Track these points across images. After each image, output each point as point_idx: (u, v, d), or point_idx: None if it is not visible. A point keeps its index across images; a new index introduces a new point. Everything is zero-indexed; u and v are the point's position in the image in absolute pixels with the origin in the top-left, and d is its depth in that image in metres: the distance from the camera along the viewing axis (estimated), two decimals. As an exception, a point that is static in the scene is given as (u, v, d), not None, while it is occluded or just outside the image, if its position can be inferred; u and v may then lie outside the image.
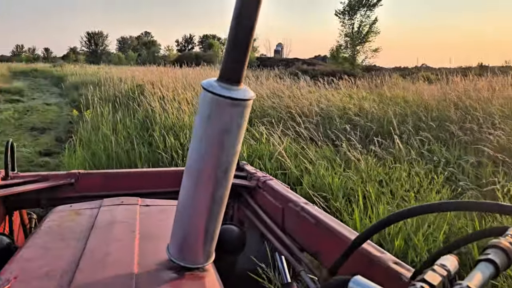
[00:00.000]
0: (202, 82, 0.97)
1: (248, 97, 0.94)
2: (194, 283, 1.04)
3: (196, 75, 14.15)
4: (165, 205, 1.61)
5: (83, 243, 1.21)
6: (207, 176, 0.99)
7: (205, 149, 0.97)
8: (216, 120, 0.94)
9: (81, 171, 2.11)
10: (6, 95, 19.55)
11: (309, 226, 1.38)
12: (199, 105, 0.98)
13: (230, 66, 0.93)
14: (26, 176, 2.05)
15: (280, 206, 1.62)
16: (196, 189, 1.01)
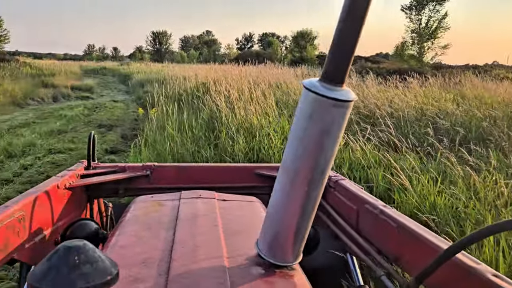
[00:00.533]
0: (304, 81, 0.97)
1: (351, 98, 0.93)
2: (285, 281, 1.04)
3: (259, 72, 13.79)
4: (240, 200, 1.66)
5: (171, 234, 1.25)
6: (304, 176, 0.99)
7: (303, 149, 0.97)
8: (317, 120, 0.94)
9: (155, 164, 2.17)
10: (78, 92, 20.51)
11: (389, 230, 1.33)
12: (299, 104, 0.98)
13: (334, 66, 0.92)
14: (105, 166, 2.13)
15: (355, 207, 1.57)
16: (291, 188, 1.01)
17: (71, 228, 1.65)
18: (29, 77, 21.28)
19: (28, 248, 1.43)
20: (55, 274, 0.52)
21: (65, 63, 49.38)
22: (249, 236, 1.23)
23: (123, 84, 27.71)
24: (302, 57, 48.06)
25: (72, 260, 0.54)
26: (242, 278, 1.01)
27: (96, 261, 0.55)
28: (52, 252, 0.56)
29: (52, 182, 1.71)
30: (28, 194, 1.53)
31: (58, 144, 7.67)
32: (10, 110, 13.76)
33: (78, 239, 0.58)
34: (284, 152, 1.04)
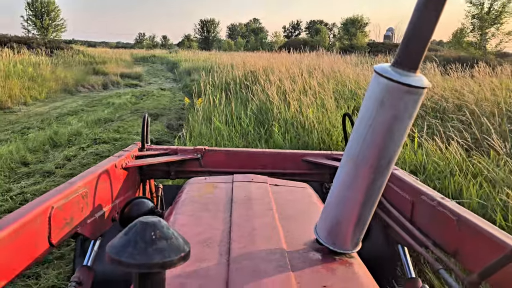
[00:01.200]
0: (376, 66, 0.94)
1: (425, 85, 0.91)
2: (346, 268, 1.02)
3: (309, 61, 13.09)
4: (292, 186, 1.66)
5: (227, 215, 1.28)
6: (370, 164, 0.97)
7: (372, 136, 0.95)
8: (389, 107, 0.92)
9: (206, 147, 2.22)
10: (127, 79, 20.71)
11: (448, 223, 1.27)
12: (369, 90, 0.95)
13: (409, 52, 0.90)
14: (158, 148, 2.21)
15: (409, 198, 1.54)
16: (356, 176, 0.99)
17: (128, 206, 1.70)
18: (81, 64, 21.75)
19: (90, 224, 1.49)
20: (133, 248, 0.53)
21: (117, 51, 50.61)
22: (304, 221, 1.26)
23: (171, 72, 27.82)
24: (352, 45, 46.34)
25: (149, 236, 0.55)
26: (303, 263, 1.01)
27: (171, 238, 0.56)
28: (128, 227, 0.56)
29: (110, 161, 1.77)
30: (90, 172, 1.58)
31: (103, 133, 7.48)
32: (62, 97, 13.99)
33: (153, 216, 0.58)
34: (349, 139, 1.00)
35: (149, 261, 0.53)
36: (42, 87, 13.96)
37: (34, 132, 7.49)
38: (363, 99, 1.00)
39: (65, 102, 12.72)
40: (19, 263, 1.09)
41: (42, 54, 20.88)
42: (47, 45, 28.88)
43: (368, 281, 0.99)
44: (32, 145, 6.32)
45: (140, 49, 75.69)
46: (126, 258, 0.53)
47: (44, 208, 1.21)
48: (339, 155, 2.27)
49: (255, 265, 0.97)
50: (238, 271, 0.95)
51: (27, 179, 4.92)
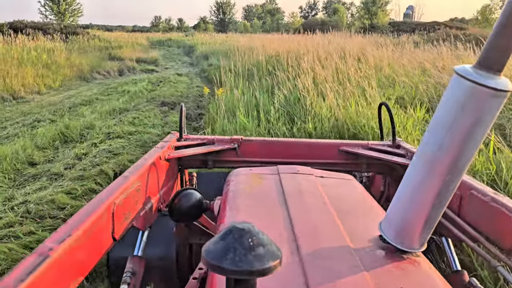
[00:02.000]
0: (457, 67, 0.92)
1: (510, 88, 0.87)
2: (416, 268, 1.00)
3: (332, 42, 12.25)
4: (336, 178, 1.64)
5: (284, 209, 1.25)
6: (446, 166, 0.95)
7: (451, 139, 0.93)
8: (471, 110, 0.89)
9: (243, 138, 2.25)
10: (143, 64, 20.19)
11: (503, 219, 1.25)
12: (448, 92, 0.93)
13: (494, 53, 0.86)
14: (195, 138, 2.26)
15: (457, 193, 1.49)
16: (430, 177, 0.97)
17: (178, 197, 1.70)
18: (97, 50, 21.30)
19: (142, 216, 1.55)
20: (234, 254, 0.54)
21: (133, 35, 50.17)
22: (360, 216, 1.27)
23: (187, 56, 27.20)
24: (372, 24, 44.76)
25: (247, 242, 0.55)
26: (373, 262, 0.99)
27: (266, 244, 0.56)
28: (223, 232, 0.57)
29: (155, 153, 1.78)
30: (140, 165, 1.62)
31: (117, 126, 6.96)
32: (77, 85, 13.56)
33: (245, 222, 0.58)
34: (423, 139, 0.99)
35: (250, 268, 0.53)
36: (56, 74, 13.54)
37: (45, 125, 7.03)
38: (440, 101, 0.96)
39: (80, 90, 12.28)
40: (91, 260, 1.16)
41: (57, 40, 20.53)
42: (63, 30, 28.57)
43: (440, 281, 0.97)
44: (41, 141, 5.84)
45: (156, 33, 75.17)
46: (228, 265, 0.53)
47: (108, 205, 1.26)
48: (376, 145, 2.26)
49: (329, 265, 0.96)
50: (314, 271, 0.93)
51: (33, 183, 4.44)
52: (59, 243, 1.00)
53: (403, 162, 2.00)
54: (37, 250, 0.97)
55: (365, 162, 2.21)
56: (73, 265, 1.06)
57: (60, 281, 1.00)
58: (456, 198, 1.52)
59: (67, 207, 3.78)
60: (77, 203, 3.85)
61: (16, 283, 0.83)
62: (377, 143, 2.32)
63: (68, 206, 3.80)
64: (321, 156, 2.20)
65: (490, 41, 0.87)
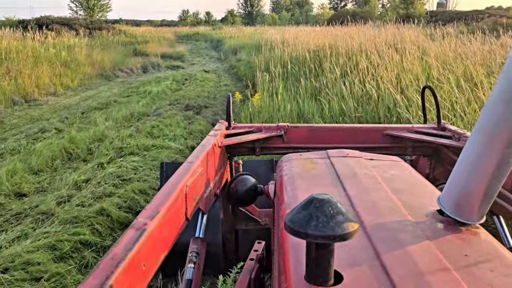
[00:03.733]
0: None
1: None
2: (477, 238, 1.01)
3: (383, 35, 10.75)
4: (386, 160, 1.63)
5: (341, 189, 1.26)
6: (506, 138, 0.96)
7: (510, 111, 0.92)
8: None
9: (289, 124, 2.29)
10: (168, 60, 19.19)
11: None
12: (506, 68, 0.94)
13: None
14: (243, 126, 2.32)
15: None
16: (489, 149, 0.99)
17: (234, 181, 1.81)
18: (121, 45, 20.44)
19: (205, 199, 1.65)
20: (316, 221, 0.57)
21: (160, 29, 49.53)
22: (415, 194, 1.27)
23: (215, 51, 26.07)
24: (408, 14, 42.37)
25: (328, 211, 0.58)
26: (435, 233, 1.00)
27: (344, 213, 0.59)
28: (304, 203, 0.61)
29: (210, 141, 1.88)
30: (200, 151, 1.69)
31: (132, 138, 5.84)
32: (97, 84, 12.63)
33: (324, 193, 0.62)
34: (482, 113, 1.00)
35: (334, 233, 0.57)
36: (75, 73, 12.66)
37: (49, 137, 5.98)
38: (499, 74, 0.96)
39: (99, 90, 11.32)
40: (172, 235, 1.26)
41: (81, 35, 19.81)
42: (88, 25, 28.04)
43: (503, 249, 0.97)
44: (37, 162, 4.77)
45: (184, 27, 74.59)
46: (312, 230, 0.57)
47: (182, 187, 1.37)
48: (420, 128, 2.28)
49: (394, 236, 0.97)
50: (381, 242, 0.94)
51: (11, 229, 3.33)
52: (151, 219, 1.11)
53: (450, 144, 2.02)
54: (134, 225, 1.08)
55: (410, 145, 2.21)
56: (162, 239, 1.18)
57: (154, 251, 1.11)
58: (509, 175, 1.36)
59: (45, 276, 2.65)
60: (58, 270, 2.70)
61: (124, 252, 0.95)
62: (422, 126, 2.31)
63: (46, 275, 2.65)
64: (366, 141, 2.21)
65: None
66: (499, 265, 0.89)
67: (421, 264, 0.86)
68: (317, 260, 0.64)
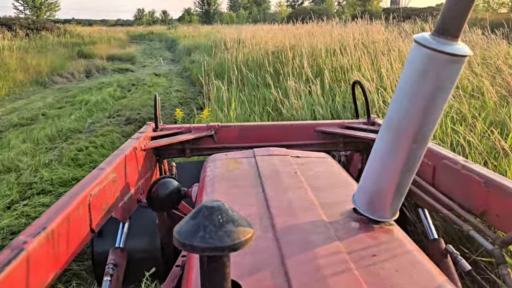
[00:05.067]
0: (416, 36, 0.93)
1: (467, 53, 0.90)
2: (389, 236, 1.01)
3: (356, 33, 9.92)
4: (312, 157, 1.64)
5: (260, 190, 1.26)
6: (412, 133, 0.96)
7: (414, 106, 0.94)
8: (431, 76, 0.90)
9: (220, 124, 2.24)
10: (117, 63, 17.68)
11: (473, 185, 1.30)
12: (409, 60, 0.94)
13: (451, 19, 0.87)
14: (172, 128, 2.25)
15: (430, 163, 1.56)
16: (397, 145, 0.99)
17: (155, 185, 1.71)
18: (63, 47, 18.67)
19: (121, 207, 1.55)
20: (204, 232, 0.54)
21: (113, 29, 47.24)
22: (335, 191, 1.28)
23: (169, 51, 24.64)
24: (365, 11, 42.57)
25: (217, 219, 0.55)
26: (347, 233, 1.00)
27: (236, 220, 0.56)
28: (194, 211, 0.57)
29: (131, 144, 1.79)
30: (116, 156, 1.60)
31: (49, 169, 4.61)
32: (30, 92, 11.07)
33: (215, 200, 0.59)
34: (389, 109, 0.99)
35: (222, 244, 0.53)
36: (3, 80, 11.04)
37: None
38: (402, 70, 0.95)
39: (31, 99, 9.82)
40: (69, 252, 1.14)
41: (21, 36, 17.94)
42: (30, 25, 25.90)
43: (413, 247, 0.97)
44: None
45: (139, 26, 71.97)
46: (198, 242, 0.53)
47: (84, 196, 1.26)
48: (351, 123, 2.26)
49: (303, 238, 0.96)
50: (289, 244, 0.93)
51: None
52: (33, 236, 1.00)
53: None
54: (11, 245, 0.96)
55: (341, 141, 2.21)
56: (50, 258, 1.05)
57: (36, 274, 0.99)
58: (429, 168, 1.56)
59: None
60: None
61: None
62: (353, 121, 2.31)
63: None
64: (298, 138, 2.19)
65: (446, 8, 0.85)
66: (405, 264, 0.89)
67: (325, 267, 0.85)
68: (210, 274, 0.57)
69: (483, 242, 1.18)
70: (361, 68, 4.98)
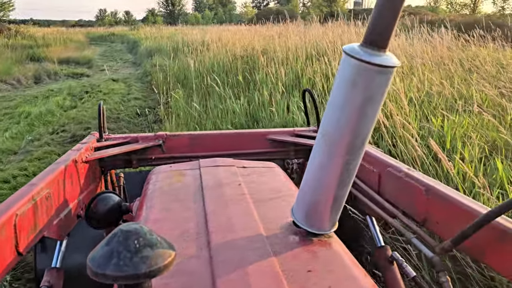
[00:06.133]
0: (345, 47, 0.92)
1: (396, 64, 0.88)
2: (326, 250, 1.01)
3: (313, 34, 9.22)
4: (260, 166, 1.62)
5: (200, 205, 1.23)
6: (344, 145, 0.95)
7: (345, 118, 0.92)
8: (360, 87, 0.89)
9: (168, 133, 2.17)
10: (71, 67, 16.33)
11: (416, 192, 1.31)
12: (339, 70, 0.93)
13: (378, 30, 0.85)
14: (117, 137, 2.11)
15: (376, 171, 1.57)
16: (331, 157, 0.98)
17: (94, 201, 1.63)
18: (11, 50, 17.13)
19: (56, 225, 1.43)
20: (117, 259, 0.51)
21: (72, 30, 45.07)
22: (277, 203, 1.26)
23: (130, 53, 23.33)
24: (332, 12, 42.44)
25: (133, 245, 0.52)
26: (284, 248, 0.99)
27: (155, 244, 0.54)
28: (109, 236, 0.54)
29: (70, 156, 1.70)
30: (51, 171, 1.50)
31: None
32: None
33: (133, 222, 0.55)
34: (322, 121, 0.97)
35: (136, 272, 0.50)
36: None
37: None
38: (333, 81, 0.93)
39: (-37, 111, 8.55)
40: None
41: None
42: (-24, 26, 24.05)
43: (349, 260, 0.98)
44: None
45: (100, 27, 69.44)
46: (111, 271, 0.50)
47: (8, 217, 1.14)
48: (301, 131, 2.26)
49: (238, 256, 0.94)
50: (222, 264, 0.91)
51: None
52: None
53: None
54: None
55: (292, 149, 2.19)
56: None
57: None
58: (375, 176, 1.55)
59: None
60: None
61: None
62: (303, 129, 2.30)
63: None
64: (249, 146, 2.17)
65: (372, 19, 0.85)
66: (341, 279, 0.88)
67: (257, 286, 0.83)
68: None
69: (424, 249, 1.19)
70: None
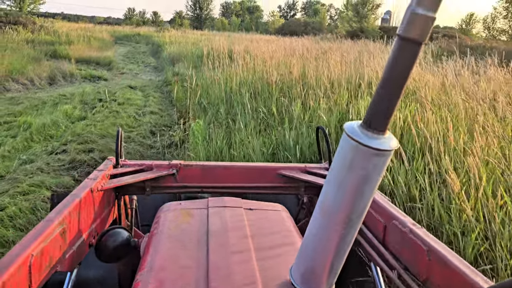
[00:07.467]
0: (346, 125, 0.94)
1: (393, 147, 0.91)
2: None
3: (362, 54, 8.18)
4: (267, 209, 1.63)
5: (204, 252, 1.24)
6: (341, 219, 0.96)
7: (342, 195, 0.94)
8: (357, 168, 0.91)
9: (182, 162, 2.16)
10: (90, 68, 15.63)
11: (418, 251, 1.31)
12: (339, 147, 0.94)
13: (378, 114, 0.87)
14: (133, 164, 2.12)
15: (382, 221, 1.57)
16: (328, 228, 0.99)
17: (105, 235, 1.60)
18: (31, 46, 16.55)
19: (68, 257, 1.43)
20: None
21: (98, 28, 44.91)
22: (279, 254, 1.28)
23: (154, 57, 22.65)
24: (362, 29, 41.24)
25: None
26: None
27: None
28: None
29: (86, 187, 1.69)
30: (68, 202, 1.50)
31: None
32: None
33: None
34: (322, 191, 0.99)
35: None
36: None
37: None
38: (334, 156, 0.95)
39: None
40: None
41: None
42: (2, 18, 23.72)
43: None
44: None
45: (128, 26, 69.59)
46: None
47: (24, 259, 1.14)
48: (312, 168, 2.24)
49: None
50: None
51: None
52: None
53: None
54: None
55: (302, 185, 2.18)
56: None
57: None
58: (381, 226, 1.54)
59: None
60: None
61: None
62: (314, 165, 2.28)
63: None
64: (261, 180, 2.16)
65: (372, 103, 0.86)
66: None
67: None
68: None
69: None
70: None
